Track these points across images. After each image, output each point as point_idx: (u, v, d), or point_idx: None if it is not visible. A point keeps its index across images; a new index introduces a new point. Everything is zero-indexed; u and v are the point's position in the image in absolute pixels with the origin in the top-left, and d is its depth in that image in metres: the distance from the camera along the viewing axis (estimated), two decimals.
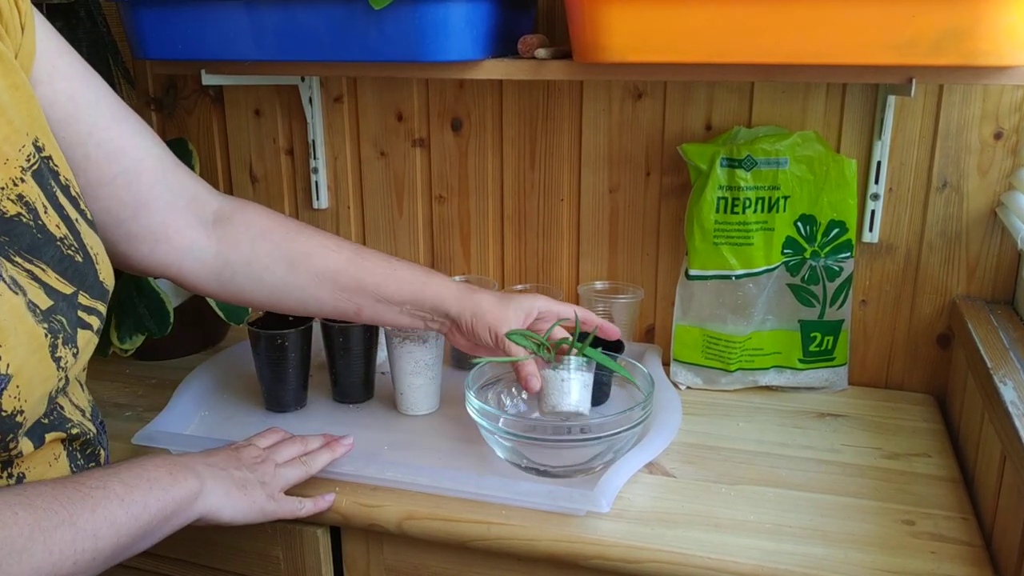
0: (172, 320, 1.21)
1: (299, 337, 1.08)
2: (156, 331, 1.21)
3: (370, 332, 1.11)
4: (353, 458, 0.95)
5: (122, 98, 0.82)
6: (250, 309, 1.28)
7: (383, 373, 1.18)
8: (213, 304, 1.25)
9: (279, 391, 1.10)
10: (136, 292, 1.21)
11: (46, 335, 0.64)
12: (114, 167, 0.77)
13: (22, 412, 0.62)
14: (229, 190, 1.42)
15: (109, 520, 0.65)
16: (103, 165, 0.77)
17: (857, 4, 0.81)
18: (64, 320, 0.66)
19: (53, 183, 0.68)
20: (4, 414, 0.60)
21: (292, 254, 0.90)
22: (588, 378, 0.96)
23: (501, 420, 0.92)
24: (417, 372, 1.07)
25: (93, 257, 0.71)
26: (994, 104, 1.06)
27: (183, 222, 0.85)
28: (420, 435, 1.05)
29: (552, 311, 0.97)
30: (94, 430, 0.75)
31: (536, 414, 0.99)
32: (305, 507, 0.87)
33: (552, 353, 0.97)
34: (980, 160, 1.08)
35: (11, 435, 0.63)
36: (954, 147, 1.09)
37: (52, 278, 0.66)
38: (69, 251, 0.68)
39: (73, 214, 0.70)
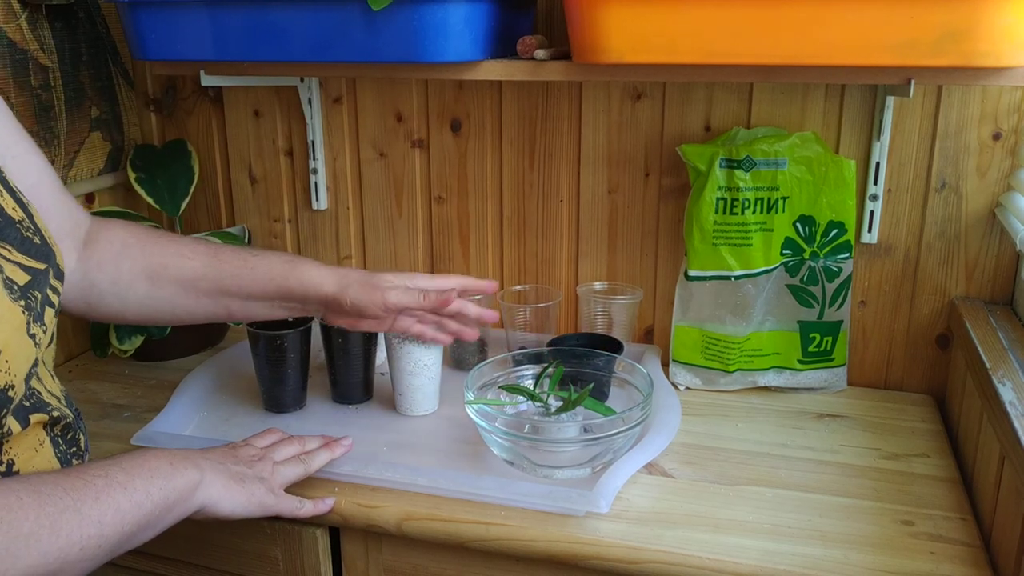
0: None
1: (298, 338, 1.08)
2: (155, 332, 1.21)
3: (369, 333, 1.11)
4: (352, 459, 0.95)
5: (122, 99, 0.82)
6: None
7: (382, 374, 1.18)
8: None
9: (278, 392, 1.10)
10: None
11: (23, 312, 0.65)
12: (21, 184, 0.76)
13: (13, 387, 0.63)
14: (228, 191, 1.42)
15: (113, 508, 0.65)
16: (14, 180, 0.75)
17: (856, 5, 0.81)
18: (39, 296, 0.67)
19: None
20: None
21: (151, 267, 0.88)
22: (578, 424, 0.96)
23: (499, 420, 0.92)
24: (416, 373, 1.07)
25: (49, 240, 0.72)
26: (993, 105, 1.06)
27: (66, 246, 0.83)
28: (419, 436, 1.05)
29: (432, 285, 0.95)
30: (72, 415, 0.76)
31: (535, 415, 0.99)
32: (305, 507, 0.87)
33: (546, 402, 0.99)
34: (979, 161, 1.08)
35: (4, 410, 0.63)
36: (953, 148, 1.09)
37: (19, 258, 0.67)
38: (27, 233, 0.69)
39: (24, 199, 0.71)
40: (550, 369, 1.03)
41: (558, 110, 1.22)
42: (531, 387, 1.02)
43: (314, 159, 1.34)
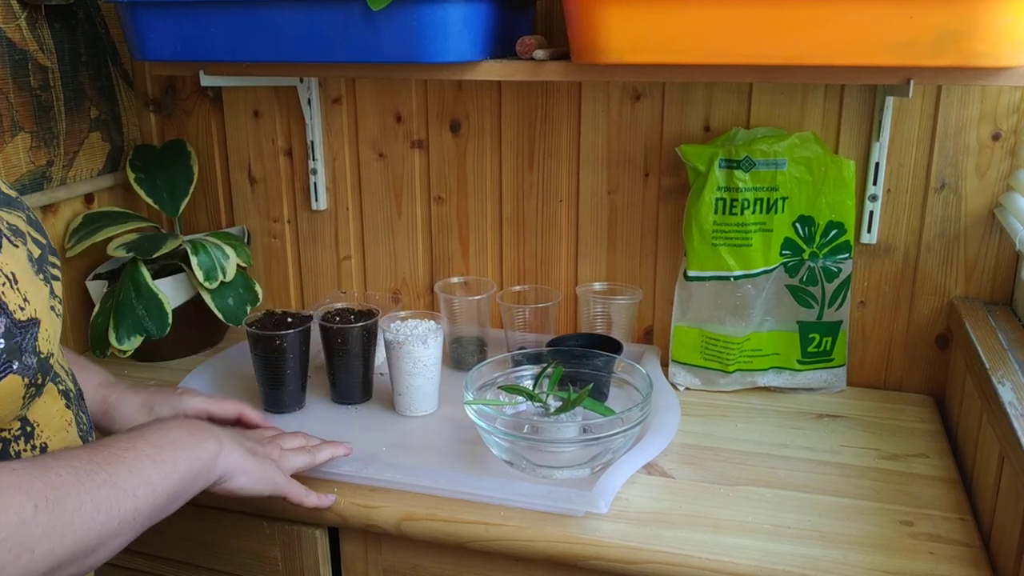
0: (171, 321, 1.21)
1: (297, 338, 1.08)
2: (155, 332, 1.21)
3: (368, 333, 1.11)
4: (351, 459, 0.95)
5: (121, 99, 0.82)
6: (249, 309, 1.29)
7: (381, 374, 1.18)
8: (212, 305, 1.25)
9: (278, 392, 1.10)
10: (135, 293, 1.21)
11: (44, 284, 0.66)
12: None
13: (52, 355, 0.64)
14: (228, 191, 1.42)
15: (144, 479, 0.65)
16: None
17: (855, 5, 0.81)
18: (50, 269, 0.68)
19: None
20: (42, 356, 0.62)
21: None
22: (578, 424, 0.96)
23: (498, 421, 0.92)
24: (416, 373, 1.07)
25: (39, 219, 0.73)
26: (992, 105, 1.06)
27: None
28: (418, 436, 1.05)
29: (204, 409, 0.94)
30: (75, 391, 0.77)
31: (535, 415, 0.99)
32: (311, 497, 0.86)
33: (545, 402, 0.98)
34: (978, 161, 1.08)
35: (46, 377, 0.64)
36: (952, 148, 1.09)
37: (31, 231, 0.68)
38: (26, 211, 0.71)
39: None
40: (549, 369, 1.03)
41: (557, 110, 1.22)
42: (530, 387, 1.02)
43: (313, 159, 1.34)
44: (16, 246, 0.64)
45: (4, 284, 0.60)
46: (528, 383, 1.05)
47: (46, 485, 0.57)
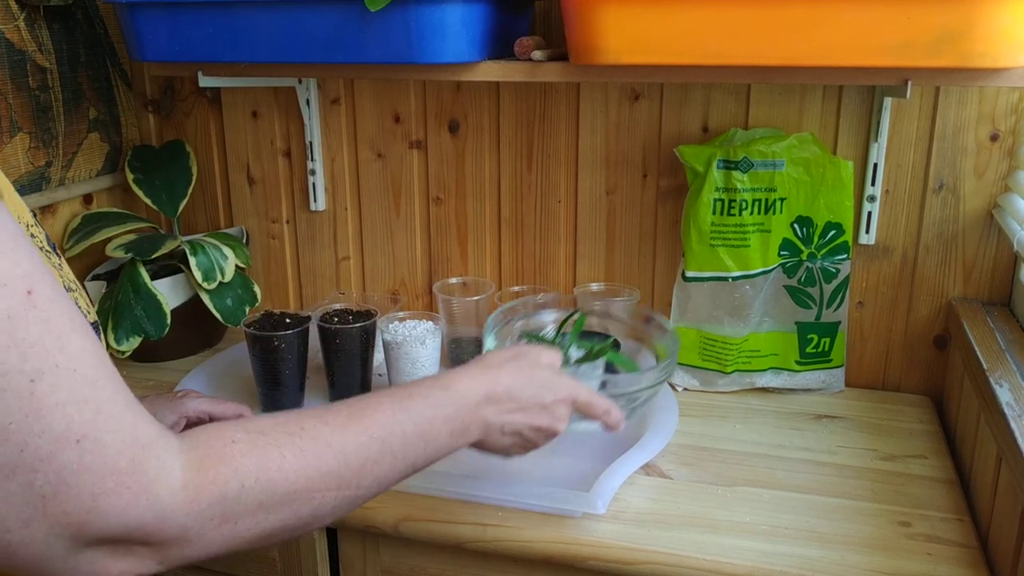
0: (169, 322, 1.21)
1: (296, 339, 1.08)
2: (153, 333, 1.21)
3: (367, 334, 1.11)
4: None
5: (120, 99, 0.81)
6: (247, 310, 1.29)
7: (380, 375, 1.18)
8: (210, 306, 1.25)
9: (276, 393, 1.10)
10: (133, 293, 1.21)
11: (55, 268, 0.66)
12: None
13: (98, 324, 0.64)
14: (226, 192, 1.42)
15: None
16: None
17: (853, 6, 0.81)
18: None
19: None
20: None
21: None
22: (599, 378, 0.94)
23: None
24: (414, 373, 1.07)
25: (39, 220, 0.73)
26: (990, 106, 1.06)
27: None
28: None
29: (205, 411, 0.94)
30: None
31: None
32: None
33: (566, 352, 0.95)
34: (976, 162, 1.08)
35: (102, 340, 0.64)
36: (950, 149, 1.09)
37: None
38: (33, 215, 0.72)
39: None
40: (573, 316, 1.00)
41: (556, 111, 1.22)
42: (552, 335, 0.99)
43: (312, 160, 1.34)
44: (59, 254, 0.64)
45: (75, 292, 0.61)
46: (550, 330, 1.01)
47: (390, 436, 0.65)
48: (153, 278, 1.23)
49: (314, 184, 1.35)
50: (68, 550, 0.49)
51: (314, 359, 1.16)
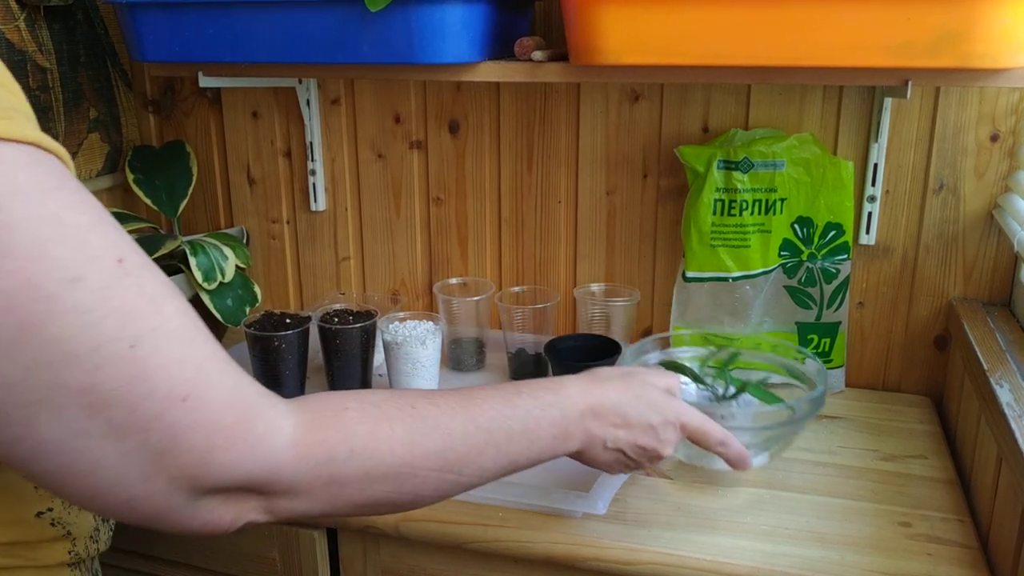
0: None
1: (296, 339, 1.08)
2: None
3: (367, 334, 1.11)
4: None
5: (120, 100, 0.81)
6: (247, 310, 1.29)
7: (380, 375, 1.18)
8: (211, 306, 1.25)
9: (276, 393, 1.10)
10: None
11: None
12: None
13: None
14: (227, 192, 1.42)
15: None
16: None
17: (853, 6, 0.81)
18: None
19: None
20: None
21: None
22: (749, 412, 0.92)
23: None
24: (414, 373, 1.07)
25: None
26: (990, 106, 1.06)
27: None
28: None
29: None
30: None
31: (699, 398, 0.96)
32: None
33: (710, 386, 0.96)
34: (976, 162, 1.08)
35: None
36: (951, 149, 1.09)
37: None
38: None
39: None
40: (724, 352, 0.98)
41: (556, 111, 1.22)
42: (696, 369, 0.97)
43: (312, 160, 1.34)
44: None
45: None
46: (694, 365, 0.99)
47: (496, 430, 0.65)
48: None
49: (314, 184, 1.35)
50: (187, 500, 0.51)
51: (314, 359, 1.16)
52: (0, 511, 0.59)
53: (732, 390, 0.95)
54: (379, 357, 1.17)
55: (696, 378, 0.97)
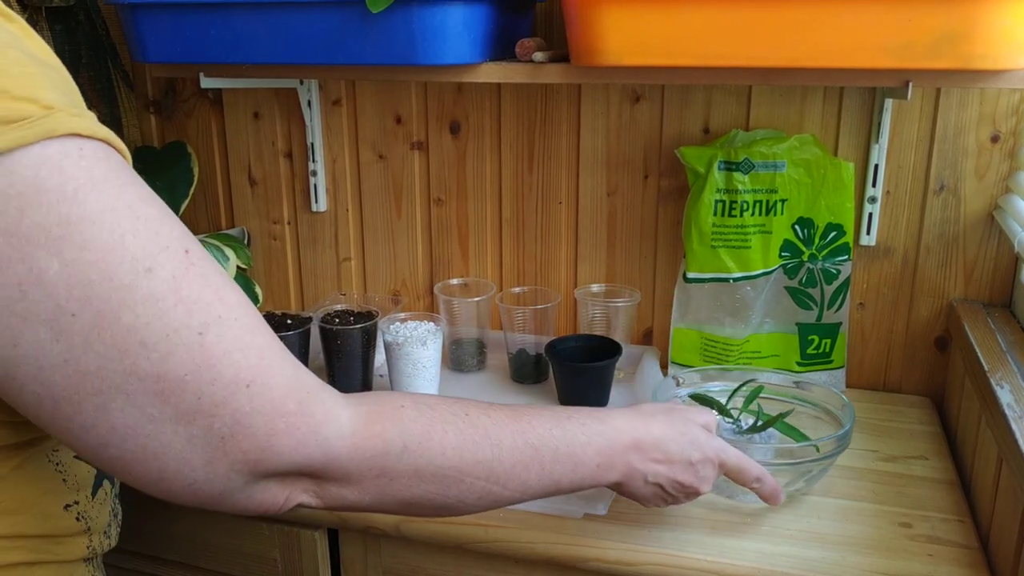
0: None
1: (297, 339, 1.08)
2: None
3: (368, 335, 1.11)
4: None
5: (121, 101, 0.81)
6: None
7: (381, 376, 1.18)
8: None
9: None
10: None
11: None
12: None
13: None
14: (228, 193, 1.42)
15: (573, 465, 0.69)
16: None
17: (853, 8, 0.81)
18: None
19: None
20: None
21: None
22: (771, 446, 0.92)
23: None
24: (415, 374, 1.07)
25: None
26: (991, 107, 1.06)
27: None
28: None
29: None
30: None
31: (724, 431, 0.96)
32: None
33: (737, 419, 0.96)
34: (977, 163, 1.09)
35: None
36: (951, 150, 1.09)
37: None
38: None
39: None
40: (748, 385, 0.99)
41: (557, 112, 1.23)
42: (724, 402, 0.98)
43: (313, 161, 1.34)
44: None
45: None
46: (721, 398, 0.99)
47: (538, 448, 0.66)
48: None
49: (315, 185, 1.35)
50: (246, 483, 0.53)
51: (315, 360, 1.16)
52: (31, 503, 0.59)
53: (755, 423, 0.95)
54: (380, 358, 1.17)
55: (723, 411, 0.97)
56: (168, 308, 0.48)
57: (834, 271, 1.12)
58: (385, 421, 0.59)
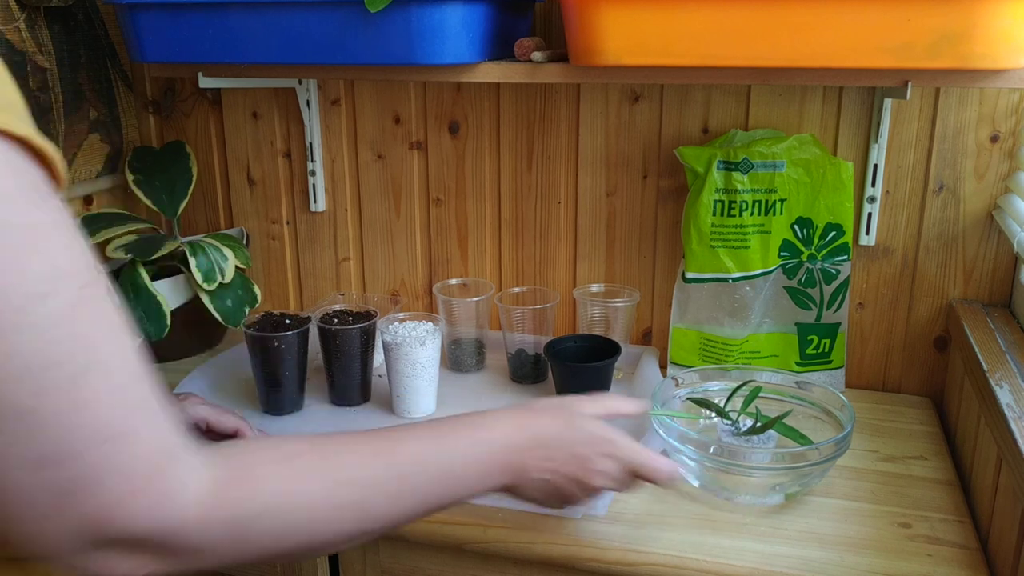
0: (169, 323, 1.21)
1: (296, 340, 1.08)
2: (153, 334, 1.21)
3: (367, 335, 1.11)
4: None
5: (120, 100, 0.81)
6: (247, 311, 1.29)
7: (380, 376, 1.18)
8: (210, 307, 1.25)
9: (276, 394, 1.10)
10: (133, 295, 1.21)
11: None
12: None
13: None
14: (227, 193, 1.42)
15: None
16: None
17: (853, 7, 0.81)
18: None
19: None
20: None
21: None
22: (771, 445, 0.93)
23: (689, 443, 0.89)
24: (414, 374, 1.07)
25: None
26: (990, 107, 1.06)
27: None
28: None
29: (204, 418, 0.93)
30: None
31: (723, 433, 0.96)
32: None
33: (735, 422, 0.96)
34: (976, 163, 1.08)
35: None
36: (951, 150, 1.09)
37: None
38: None
39: None
40: (746, 386, 0.98)
41: (556, 112, 1.22)
42: (722, 404, 0.98)
43: (312, 161, 1.34)
44: None
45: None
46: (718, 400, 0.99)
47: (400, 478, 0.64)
48: (153, 279, 1.23)
49: (314, 185, 1.35)
50: (82, 547, 0.49)
51: (314, 360, 1.16)
52: None
53: (754, 424, 0.95)
54: (379, 358, 1.17)
55: (721, 412, 0.97)
56: (54, 340, 0.45)
57: (833, 271, 1.12)
58: (241, 483, 0.55)
